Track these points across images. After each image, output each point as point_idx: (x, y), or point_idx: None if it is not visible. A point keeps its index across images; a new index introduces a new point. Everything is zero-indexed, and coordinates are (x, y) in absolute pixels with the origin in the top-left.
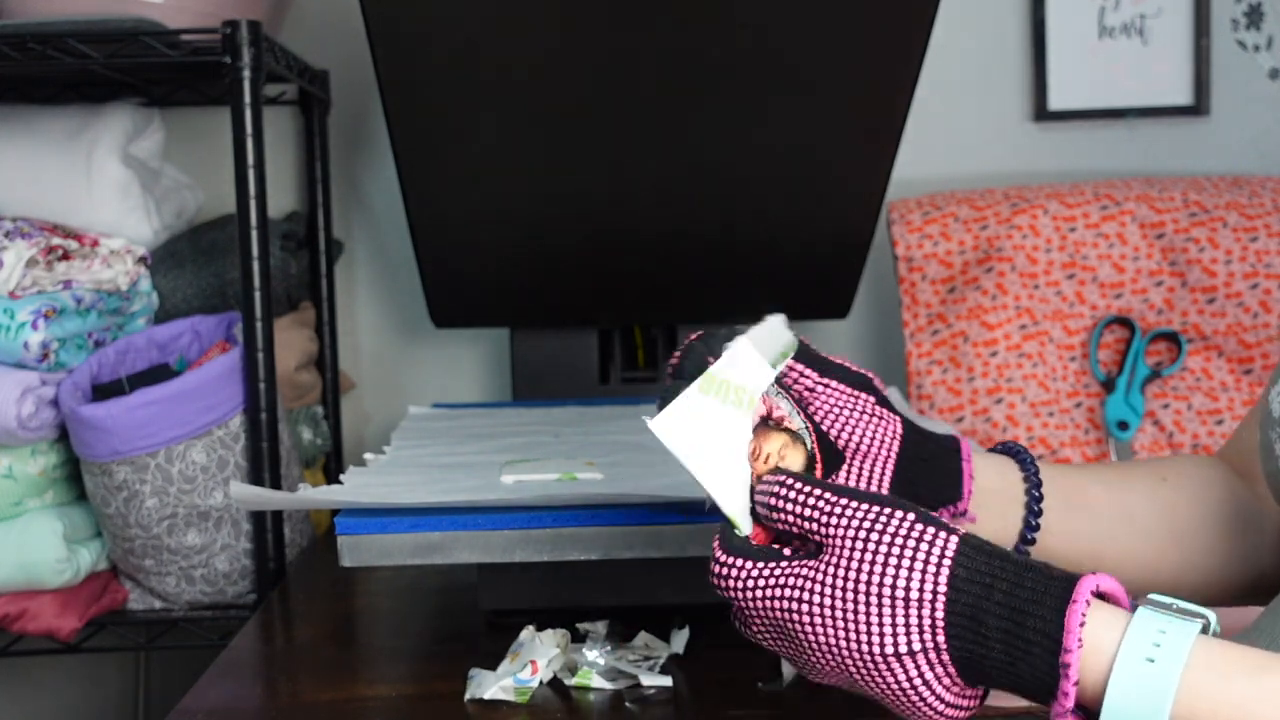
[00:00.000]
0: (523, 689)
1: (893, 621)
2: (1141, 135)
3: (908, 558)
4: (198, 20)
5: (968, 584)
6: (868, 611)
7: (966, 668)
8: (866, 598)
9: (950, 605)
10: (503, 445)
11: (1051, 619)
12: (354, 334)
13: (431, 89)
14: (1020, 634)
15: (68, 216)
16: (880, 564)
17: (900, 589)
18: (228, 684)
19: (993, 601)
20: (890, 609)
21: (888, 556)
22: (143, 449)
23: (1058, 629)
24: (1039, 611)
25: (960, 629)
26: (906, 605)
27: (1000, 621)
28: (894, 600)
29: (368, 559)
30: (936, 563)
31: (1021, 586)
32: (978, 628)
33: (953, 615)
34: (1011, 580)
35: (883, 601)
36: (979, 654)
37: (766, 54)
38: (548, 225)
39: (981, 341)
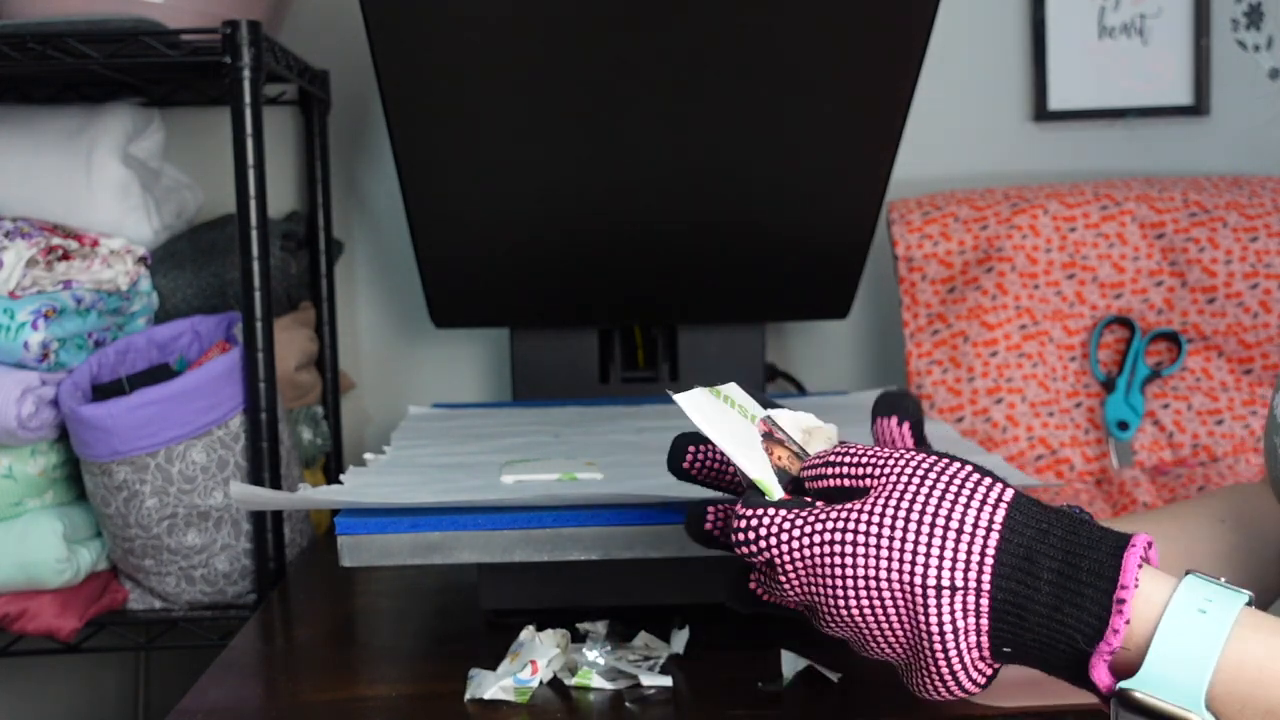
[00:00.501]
0: (523, 689)
1: (940, 551)
2: (1141, 135)
3: (965, 495)
4: (198, 20)
5: (1023, 525)
6: (916, 539)
7: (1002, 620)
8: (918, 526)
9: (1004, 543)
10: (503, 445)
11: (1107, 561)
12: (354, 334)
13: (431, 89)
14: (1073, 574)
15: (68, 216)
16: (936, 498)
17: (955, 520)
18: (228, 684)
19: (1047, 544)
20: (941, 538)
21: (944, 492)
22: (143, 449)
23: (1114, 569)
24: (1094, 555)
25: (1010, 568)
26: (959, 536)
27: (1053, 562)
28: (946, 530)
29: (368, 559)
30: (994, 503)
31: (1077, 534)
32: (1029, 567)
33: (1004, 554)
34: (1067, 527)
35: (934, 530)
36: (1024, 596)
37: (767, 54)
38: (548, 225)
39: (981, 341)
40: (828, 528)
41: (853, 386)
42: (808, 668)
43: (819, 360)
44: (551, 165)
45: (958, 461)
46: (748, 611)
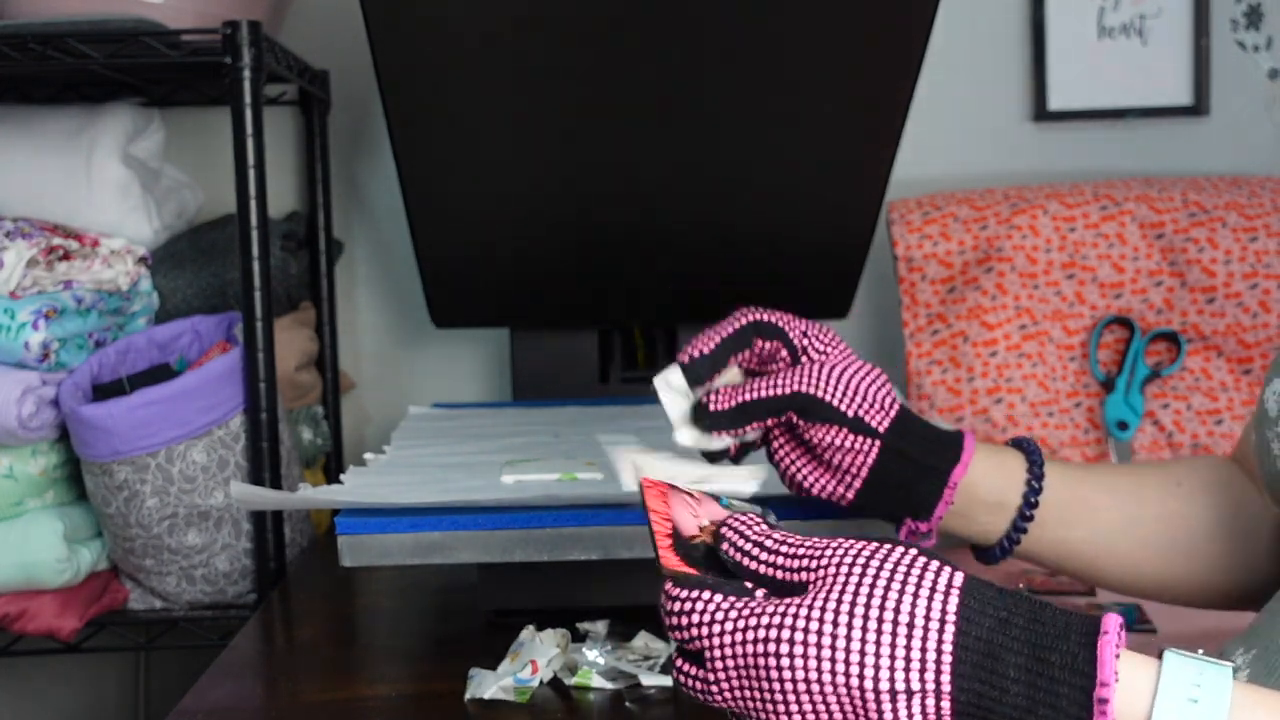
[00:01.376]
0: (523, 689)
1: (891, 650)
2: (1141, 135)
3: (913, 583)
4: (198, 20)
5: (980, 615)
6: (863, 640)
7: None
8: (864, 622)
9: (961, 636)
10: (503, 445)
11: (1080, 653)
12: (354, 334)
13: (431, 89)
14: (1044, 670)
15: (68, 216)
16: (881, 589)
17: (905, 614)
18: (228, 684)
19: (1010, 636)
20: (891, 635)
21: (890, 582)
22: (143, 449)
23: (1089, 663)
24: (1065, 646)
25: (971, 666)
26: (910, 632)
27: (1020, 658)
28: (895, 625)
29: (368, 559)
30: (945, 590)
31: (1040, 621)
32: (993, 664)
33: (963, 650)
34: (1028, 615)
35: (882, 628)
36: (989, 698)
37: (767, 54)
38: (548, 225)
39: (981, 341)
40: (765, 621)
41: None
42: None
43: None
44: (552, 165)
45: (900, 547)
46: None
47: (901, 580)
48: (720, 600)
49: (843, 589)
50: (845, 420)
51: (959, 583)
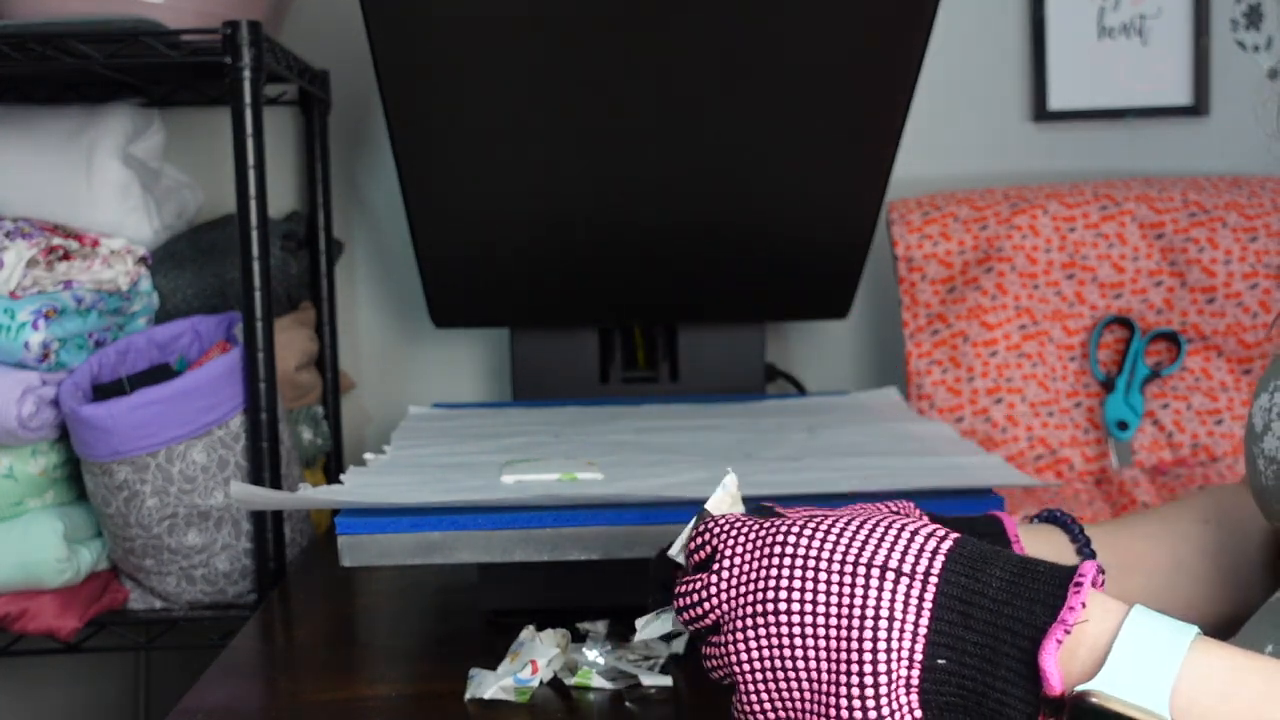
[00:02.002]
0: (523, 689)
1: (893, 541)
2: (1141, 135)
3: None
4: (198, 20)
5: (972, 542)
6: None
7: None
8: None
9: (957, 546)
10: (503, 445)
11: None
12: (354, 334)
13: (432, 89)
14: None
15: (68, 217)
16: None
17: (909, 528)
18: (228, 684)
19: (1001, 555)
20: (895, 534)
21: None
22: (143, 449)
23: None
24: (1047, 566)
25: (961, 565)
26: (913, 535)
27: (1007, 565)
28: (901, 530)
29: (368, 559)
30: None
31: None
32: (982, 565)
33: (957, 553)
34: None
35: (889, 529)
36: (973, 590)
37: (767, 54)
38: (548, 225)
39: (981, 341)
40: (780, 522)
41: (853, 386)
42: None
43: (819, 360)
44: (552, 165)
45: None
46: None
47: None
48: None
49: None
50: None
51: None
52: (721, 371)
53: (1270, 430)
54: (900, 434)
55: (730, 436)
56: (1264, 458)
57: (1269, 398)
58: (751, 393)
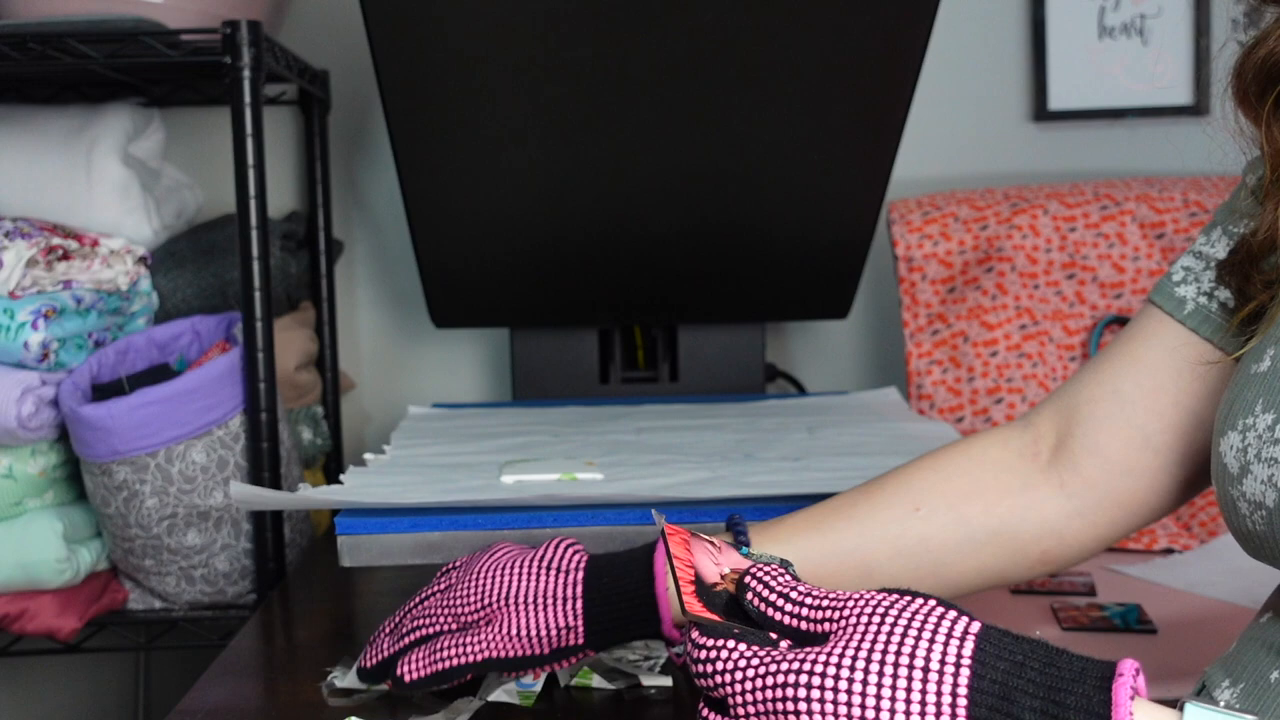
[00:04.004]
0: (526, 693)
1: (908, 697)
2: (1141, 135)
3: (929, 630)
4: (198, 20)
5: (995, 659)
6: (879, 685)
7: None
8: (881, 669)
9: (976, 679)
10: (503, 445)
11: (1095, 695)
12: (354, 334)
13: (431, 89)
14: (1058, 713)
15: (68, 216)
16: (899, 636)
17: (920, 659)
18: (228, 684)
19: (1025, 679)
20: (907, 679)
21: (907, 629)
22: (143, 449)
23: (1104, 704)
24: (1079, 689)
25: (986, 709)
26: (925, 676)
27: (1035, 700)
28: (911, 669)
29: (368, 559)
30: (960, 636)
31: (1055, 665)
32: (1007, 707)
33: (978, 693)
34: (1043, 659)
35: (899, 673)
36: None
37: (767, 55)
38: (548, 225)
39: (981, 341)
40: (785, 669)
41: (853, 386)
42: None
43: (819, 360)
44: (552, 166)
45: (920, 598)
46: None
47: (919, 627)
48: (744, 650)
49: (861, 637)
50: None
51: (975, 629)
52: (721, 371)
53: (1250, 473)
54: (900, 434)
55: (730, 436)
56: (1246, 501)
57: (1240, 437)
58: (751, 393)
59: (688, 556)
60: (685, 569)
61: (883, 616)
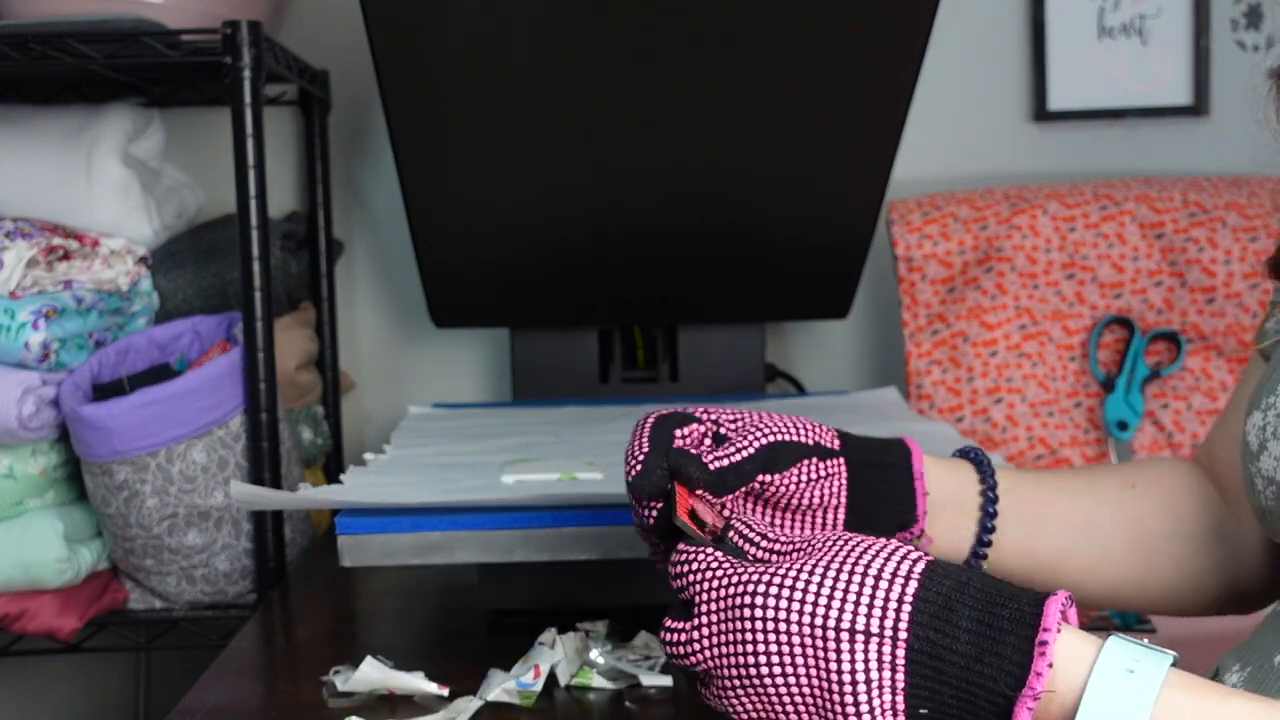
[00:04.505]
0: (526, 693)
1: (857, 596)
2: (1141, 135)
3: (884, 552)
4: (198, 20)
5: (942, 577)
6: (833, 587)
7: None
8: (835, 575)
9: (921, 589)
10: (503, 445)
11: (1028, 609)
12: (354, 334)
13: (431, 89)
14: (994, 622)
15: (68, 216)
16: (857, 552)
17: (872, 569)
18: (228, 684)
19: (967, 595)
20: (859, 584)
21: (865, 549)
22: (143, 449)
23: (1034, 616)
24: (1014, 604)
25: (928, 616)
26: (876, 581)
27: (973, 611)
28: (863, 577)
29: (368, 559)
30: (913, 559)
31: (998, 587)
32: (948, 615)
33: (922, 600)
34: (986, 581)
35: (852, 576)
36: (942, 645)
37: (767, 55)
38: (548, 225)
39: (981, 341)
40: (748, 574)
41: (853, 386)
42: None
43: (819, 360)
44: (552, 165)
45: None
46: None
47: (875, 549)
48: (719, 557)
49: (820, 551)
50: (811, 450)
51: (925, 558)
52: (721, 371)
53: (1266, 449)
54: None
55: None
56: (1261, 478)
57: (1262, 415)
58: (751, 393)
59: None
60: (685, 499)
61: (845, 541)
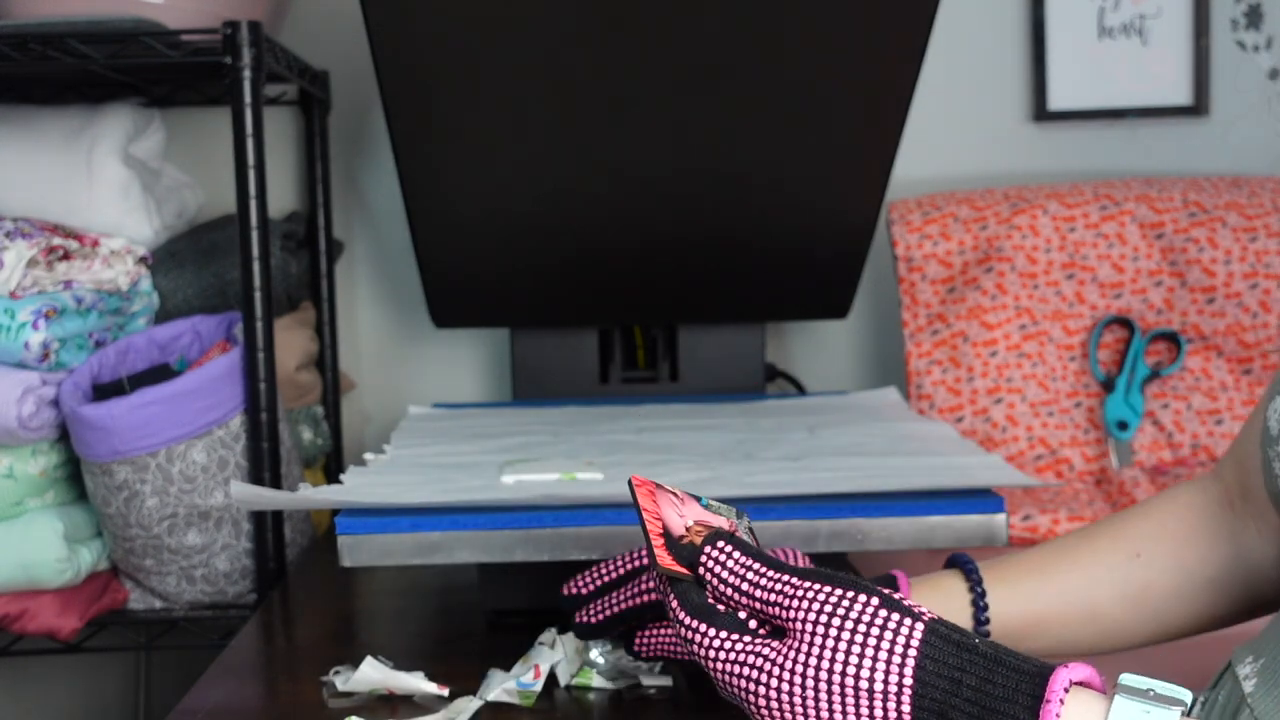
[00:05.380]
0: (526, 693)
1: (856, 714)
2: (1141, 135)
3: (872, 647)
4: (198, 20)
5: (935, 677)
6: (830, 702)
7: None
8: (829, 688)
9: (916, 701)
10: (503, 445)
11: (1023, 715)
12: (354, 334)
13: (431, 89)
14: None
15: (68, 216)
16: (844, 652)
17: (865, 680)
18: (228, 684)
19: (961, 698)
20: (854, 701)
21: (851, 644)
22: (143, 449)
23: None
24: (1010, 710)
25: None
26: (871, 698)
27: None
28: (857, 693)
29: (368, 559)
30: (902, 653)
31: (992, 683)
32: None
33: (918, 711)
34: (981, 675)
35: (845, 693)
36: None
37: (766, 54)
38: (548, 225)
39: (981, 341)
40: (750, 665)
41: (853, 386)
42: None
43: (819, 360)
44: (552, 165)
45: (862, 596)
46: None
47: (863, 641)
48: (715, 634)
49: (808, 648)
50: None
51: (917, 640)
52: (721, 371)
53: None
54: (900, 434)
55: (730, 436)
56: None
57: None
58: (751, 393)
59: (655, 508)
60: (654, 521)
61: (829, 620)
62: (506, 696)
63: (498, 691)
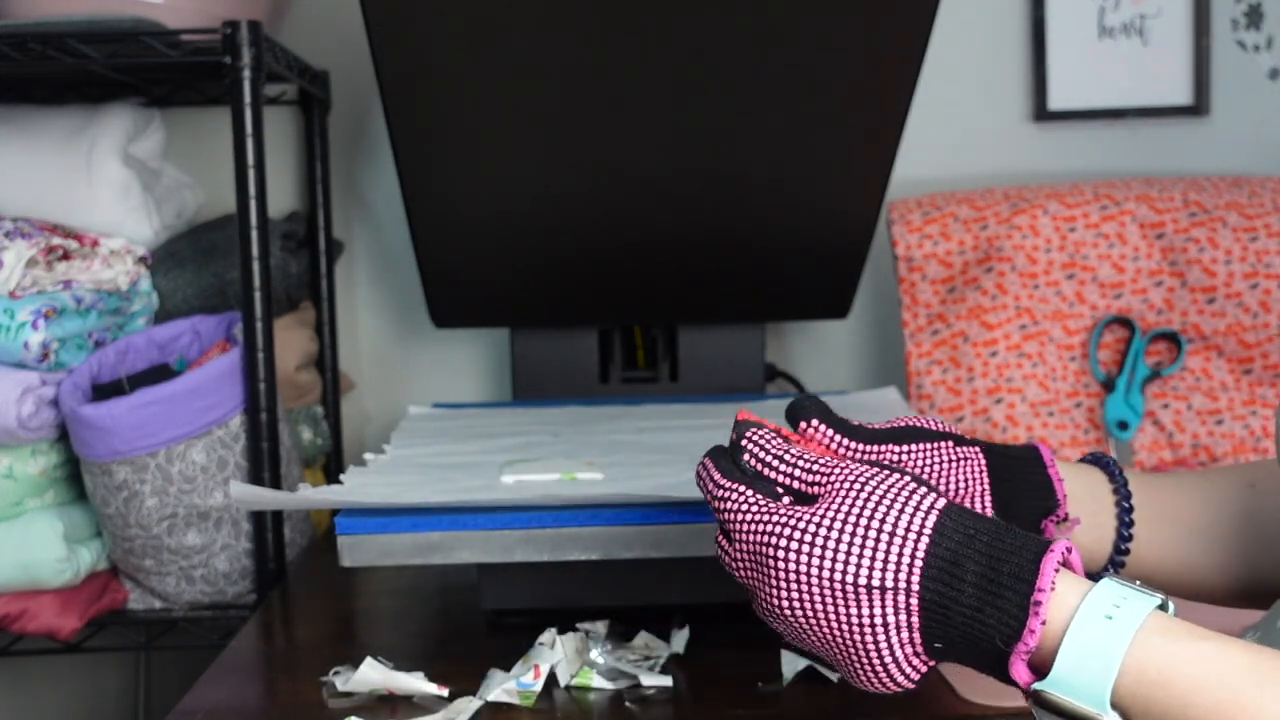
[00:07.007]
0: (526, 693)
1: (873, 553)
2: (1141, 135)
3: (899, 503)
4: (198, 20)
5: (952, 531)
6: (850, 542)
7: (930, 618)
8: (853, 530)
9: (932, 546)
10: (503, 445)
11: (1026, 565)
12: (354, 334)
13: (431, 89)
14: (995, 578)
15: (68, 216)
16: (871, 505)
17: (887, 525)
18: (228, 684)
19: (973, 549)
20: (874, 541)
21: (880, 500)
22: (143, 449)
23: (1032, 573)
24: (1016, 559)
25: (937, 570)
26: (890, 539)
27: (977, 565)
28: (879, 534)
29: (368, 559)
30: (926, 510)
31: (1001, 540)
32: (955, 570)
33: (932, 556)
34: (993, 534)
35: (867, 534)
36: (949, 598)
37: (766, 54)
38: (548, 225)
39: (981, 341)
40: (774, 521)
41: (853, 386)
42: (807, 668)
43: (819, 360)
44: (552, 165)
45: (896, 473)
46: None
47: (891, 498)
48: (750, 495)
49: (840, 502)
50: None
51: (939, 505)
52: (721, 371)
53: None
54: None
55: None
56: None
57: None
58: (751, 392)
59: None
60: None
61: (862, 486)
62: (506, 697)
63: (498, 692)
